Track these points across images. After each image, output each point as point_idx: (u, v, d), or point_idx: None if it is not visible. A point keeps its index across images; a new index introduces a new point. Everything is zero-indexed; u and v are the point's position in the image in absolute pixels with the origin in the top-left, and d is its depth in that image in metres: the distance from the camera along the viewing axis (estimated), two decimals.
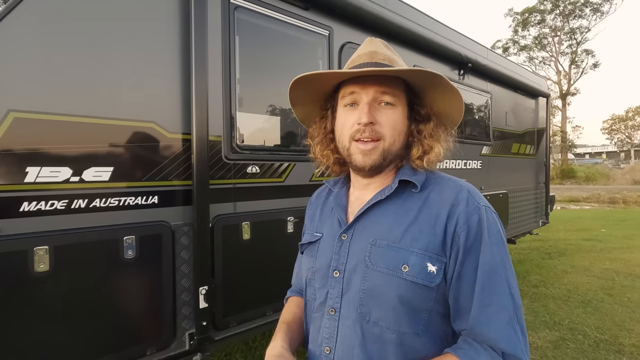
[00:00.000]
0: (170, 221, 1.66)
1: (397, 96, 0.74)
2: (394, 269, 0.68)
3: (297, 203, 2.16)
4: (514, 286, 0.68)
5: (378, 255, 0.71)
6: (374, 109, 0.73)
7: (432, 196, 0.73)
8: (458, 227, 0.68)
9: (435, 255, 0.68)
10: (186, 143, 1.70)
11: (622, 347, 2.92)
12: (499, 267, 0.67)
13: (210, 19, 1.77)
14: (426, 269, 0.67)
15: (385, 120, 0.73)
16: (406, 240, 0.70)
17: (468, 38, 3.70)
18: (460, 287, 0.67)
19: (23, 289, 1.29)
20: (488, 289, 0.66)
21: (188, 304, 1.72)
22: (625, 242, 6.92)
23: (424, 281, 0.67)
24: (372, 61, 0.75)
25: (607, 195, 16.09)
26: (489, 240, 0.68)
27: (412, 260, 0.68)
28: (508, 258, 0.69)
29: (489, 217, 0.70)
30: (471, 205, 0.70)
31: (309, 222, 0.92)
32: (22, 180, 1.30)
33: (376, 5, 2.52)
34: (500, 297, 0.65)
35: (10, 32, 1.29)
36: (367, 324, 0.70)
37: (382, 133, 0.73)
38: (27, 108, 1.31)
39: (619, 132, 43.32)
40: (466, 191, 0.72)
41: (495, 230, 0.69)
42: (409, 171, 0.76)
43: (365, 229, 0.75)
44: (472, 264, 0.67)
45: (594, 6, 25.70)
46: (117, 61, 1.52)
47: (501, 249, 0.68)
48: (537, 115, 5.24)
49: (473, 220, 0.68)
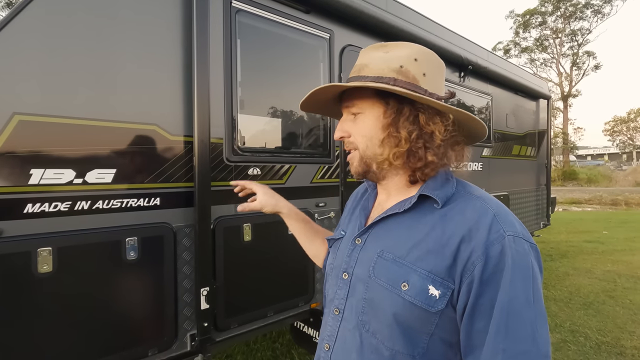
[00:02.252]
0: (172, 223, 1.67)
1: (364, 103, 0.73)
2: (393, 285, 0.66)
3: (298, 205, 2.16)
4: (541, 331, 0.58)
5: (382, 267, 0.69)
6: (348, 122, 0.76)
7: (451, 214, 0.67)
8: (474, 256, 0.61)
9: (440, 279, 0.62)
10: (188, 145, 1.72)
11: (624, 349, 2.91)
12: (522, 307, 0.58)
13: (212, 22, 1.78)
14: (427, 291, 0.62)
15: (355, 129, 0.75)
16: (411, 257, 0.66)
17: (468, 40, 3.71)
18: (474, 323, 0.60)
19: (26, 289, 1.31)
20: (504, 332, 0.57)
21: (189, 305, 1.73)
22: (628, 244, 6.90)
23: (423, 304, 0.62)
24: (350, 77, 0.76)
25: (609, 197, 16.04)
26: (511, 275, 0.59)
27: (413, 279, 0.64)
28: (538, 299, 0.60)
29: (517, 248, 0.61)
30: (494, 233, 0.61)
31: (343, 218, 0.93)
32: (26, 182, 1.32)
33: (377, 8, 2.54)
34: (519, 344, 0.57)
35: (14, 36, 1.31)
36: (366, 332, 0.69)
37: (354, 142, 0.75)
38: (32, 111, 1.33)
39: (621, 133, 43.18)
40: (491, 215, 0.64)
41: (523, 264, 0.60)
42: (435, 184, 0.71)
43: (377, 238, 0.73)
44: (489, 299, 0.59)
45: (595, 8, 25.69)
46: (120, 64, 1.54)
47: (528, 285, 0.59)
48: (538, 117, 5.24)
49: (494, 251, 0.60)
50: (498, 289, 0.59)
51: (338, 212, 2.39)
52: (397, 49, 0.73)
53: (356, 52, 2.50)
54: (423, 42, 2.90)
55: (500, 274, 0.59)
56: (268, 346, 3.02)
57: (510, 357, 0.56)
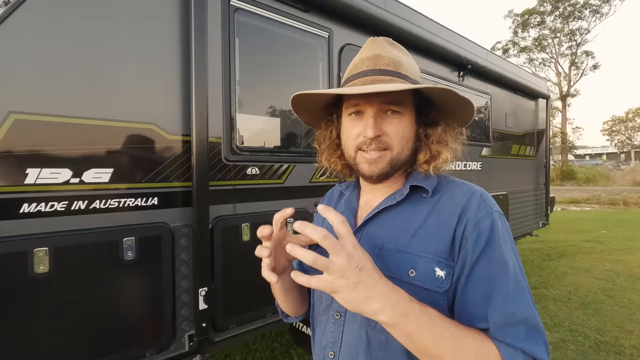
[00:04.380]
0: (170, 222, 1.66)
1: (403, 104, 0.71)
2: (401, 274, 0.66)
3: (297, 204, 2.16)
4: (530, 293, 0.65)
5: (386, 259, 0.69)
6: (380, 119, 0.70)
7: (442, 200, 0.71)
8: (467, 231, 0.65)
9: (443, 259, 0.65)
10: (186, 144, 1.70)
11: (623, 348, 2.91)
12: (520, 275, 0.64)
13: (210, 21, 1.77)
14: (434, 273, 0.65)
15: (393, 130, 0.70)
16: (414, 245, 0.68)
17: (468, 40, 3.71)
18: (468, 293, 0.63)
19: (23, 290, 1.29)
20: (512, 298, 0.61)
21: (188, 306, 1.72)
22: (626, 243, 6.92)
23: (432, 286, 0.65)
24: (376, 68, 0.71)
25: (608, 197, 16.08)
26: (504, 246, 0.64)
27: (420, 264, 0.66)
28: (521, 264, 0.67)
29: (502, 223, 0.67)
30: (483, 209, 0.67)
31: (320, 224, 0.88)
32: (23, 181, 1.31)
33: (376, 7, 2.53)
34: (524, 309, 0.61)
35: (10, 35, 1.29)
36: (373, 330, 0.68)
37: (389, 143, 0.71)
38: (28, 110, 1.32)
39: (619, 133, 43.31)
40: (479, 195, 0.69)
41: (510, 238, 0.67)
42: (420, 176, 0.74)
43: (373, 233, 0.73)
44: (482, 269, 0.63)
45: (594, 8, 25.74)
46: (117, 63, 1.52)
47: (517, 256, 0.66)
48: (537, 116, 5.24)
49: (484, 225, 0.65)
50: (494, 258, 0.63)
51: None
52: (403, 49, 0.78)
53: (355, 51, 2.49)
54: (422, 41, 2.91)
55: (492, 245, 0.64)
56: (267, 346, 3.01)
57: (519, 321, 0.60)
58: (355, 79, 0.73)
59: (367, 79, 0.71)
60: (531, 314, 0.61)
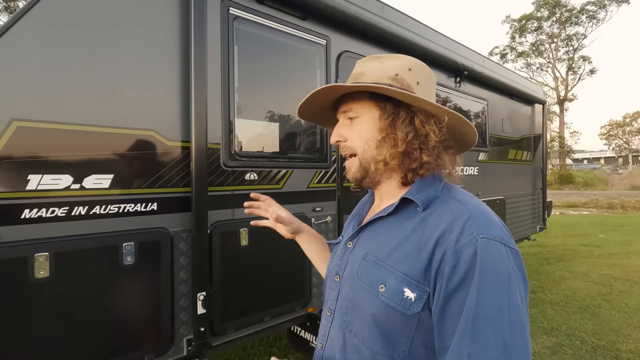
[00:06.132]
0: (168, 228, 1.68)
1: (360, 107, 0.75)
2: (372, 286, 0.68)
3: (295, 209, 2.18)
4: (517, 341, 0.55)
5: (364, 269, 0.71)
6: (343, 127, 0.77)
7: (432, 217, 0.67)
8: (445, 258, 0.60)
9: (415, 281, 0.63)
10: (185, 151, 1.73)
11: (620, 352, 2.93)
12: (493, 313, 0.55)
13: (210, 29, 1.80)
14: (402, 293, 0.63)
15: (351, 134, 0.76)
16: (391, 260, 0.67)
17: (464, 46, 3.75)
18: (444, 325, 0.59)
19: (23, 295, 1.31)
20: (470, 336, 0.55)
21: (186, 310, 1.73)
22: (623, 247, 6.94)
23: (398, 306, 0.63)
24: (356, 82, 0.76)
25: (606, 201, 16.14)
26: (482, 280, 0.57)
27: (390, 281, 0.65)
28: (516, 305, 0.57)
29: (491, 251, 0.59)
30: (467, 236, 0.60)
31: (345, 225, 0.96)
32: (24, 187, 1.33)
33: (373, 15, 2.57)
34: (486, 350, 0.54)
35: (12, 43, 1.32)
36: (349, 332, 0.71)
37: (352, 147, 0.76)
38: (30, 117, 1.34)
39: (617, 137, 43.52)
40: (466, 217, 0.63)
41: (498, 269, 0.58)
42: (417, 187, 0.72)
43: (364, 241, 0.76)
44: (459, 303, 0.58)
45: (590, 13, 26.00)
46: (118, 70, 1.55)
47: (502, 291, 0.57)
48: (534, 121, 5.29)
49: (466, 254, 0.59)
50: (468, 293, 0.57)
51: (335, 216, 2.40)
52: (392, 59, 0.76)
53: (352, 57, 2.52)
54: (419, 48, 2.95)
55: (470, 277, 0.57)
56: (265, 351, 3.01)
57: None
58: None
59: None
60: (493, 357, 0.54)
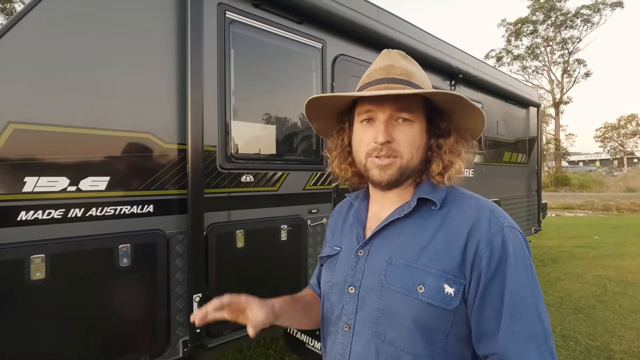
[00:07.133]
0: (165, 229, 1.69)
1: (414, 112, 0.72)
2: (410, 290, 0.67)
3: (291, 212, 2.19)
4: (543, 312, 0.64)
5: (394, 274, 0.69)
6: (390, 126, 0.71)
7: (451, 214, 0.70)
8: (480, 249, 0.65)
9: (452, 276, 0.65)
10: (181, 153, 1.74)
11: (613, 353, 2.95)
12: (526, 292, 0.63)
13: (207, 33, 1.82)
14: (443, 290, 0.65)
15: (403, 137, 0.71)
16: (423, 260, 0.68)
17: (459, 50, 3.79)
18: (484, 312, 0.64)
19: (19, 297, 1.31)
20: (518, 316, 0.62)
21: (182, 312, 1.74)
22: (618, 249, 6.99)
23: (441, 303, 0.65)
24: (389, 76, 0.73)
25: (601, 203, 16.23)
26: (514, 264, 0.64)
27: (428, 281, 0.66)
28: (536, 281, 0.66)
29: (513, 238, 0.66)
30: (494, 226, 0.67)
31: (330, 235, 0.91)
32: (20, 189, 1.33)
33: (368, 18, 2.59)
34: (530, 325, 0.62)
35: (9, 46, 1.33)
36: (382, 343, 0.69)
37: (399, 150, 0.71)
38: (26, 119, 1.35)
39: (612, 140, 43.87)
40: (488, 210, 0.69)
41: (521, 253, 0.66)
42: (428, 188, 0.74)
43: (382, 246, 0.73)
44: (497, 288, 0.64)
45: (585, 17, 26.24)
46: (114, 73, 1.56)
47: (528, 272, 0.65)
48: (529, 124, 5.33)
49: (496, 242, 0.65)
50: (505, 278, 0.63)
51: None
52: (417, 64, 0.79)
53: (348, 61, 2.55)
54: (414, 52, 2.97)
55: (505, 263, 0.64)
56: (261, 352, 3.01)
57: (525, 339, 0.62)
58: (368, 86, 0.75)
59: (381, 87, 0.72)
60: (537, 330, 0.62)
